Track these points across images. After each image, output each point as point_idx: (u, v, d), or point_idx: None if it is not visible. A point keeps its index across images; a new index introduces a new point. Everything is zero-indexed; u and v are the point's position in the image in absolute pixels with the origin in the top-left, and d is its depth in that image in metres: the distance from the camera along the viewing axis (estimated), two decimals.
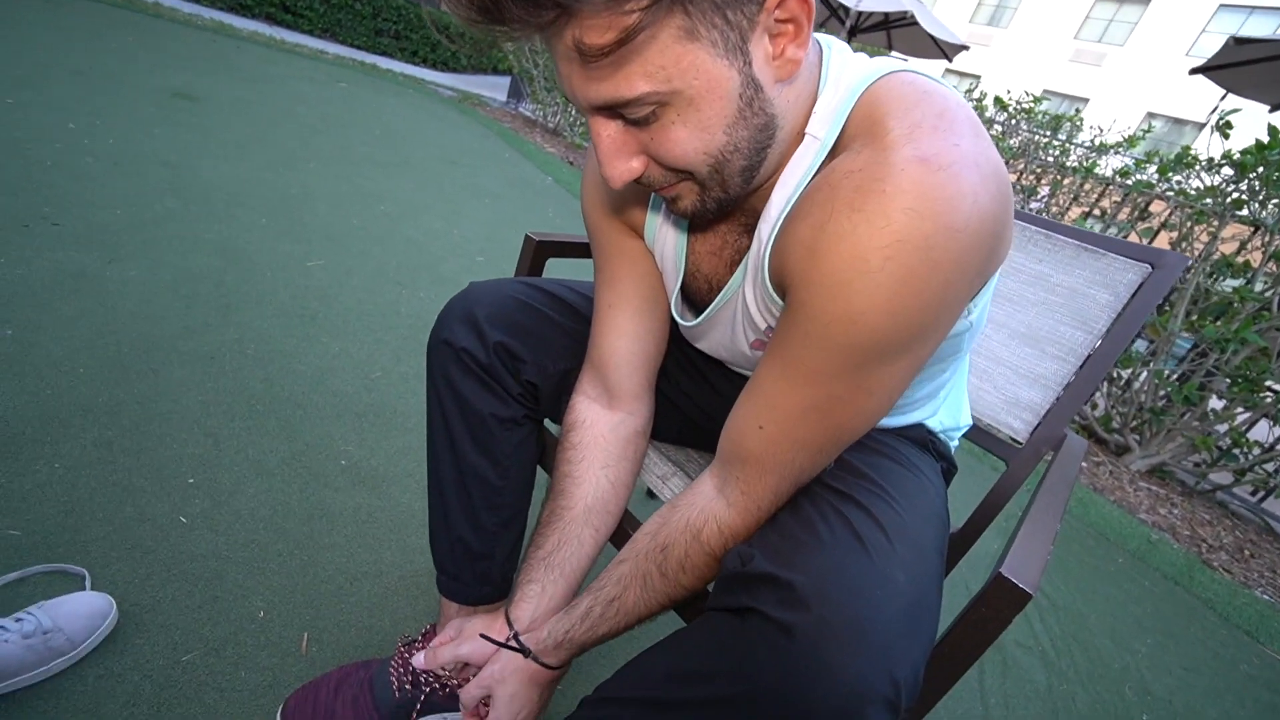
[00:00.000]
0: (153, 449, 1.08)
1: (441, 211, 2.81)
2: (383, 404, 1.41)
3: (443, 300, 1.97)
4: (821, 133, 0.49)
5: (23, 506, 0.91)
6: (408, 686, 0.77)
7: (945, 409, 0.74)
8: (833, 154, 0.49)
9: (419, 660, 0.72)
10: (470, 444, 0.75)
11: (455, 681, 0.76)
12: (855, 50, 0.54)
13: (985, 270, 0.46)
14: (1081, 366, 0.86)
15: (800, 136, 0.51)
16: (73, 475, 0.98)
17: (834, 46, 0.52)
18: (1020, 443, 0.88)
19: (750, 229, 0.59)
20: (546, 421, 0.85)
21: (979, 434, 0.92)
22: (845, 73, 0.50)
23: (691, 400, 0.82)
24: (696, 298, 0.66)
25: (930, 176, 0.41)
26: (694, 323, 0.67)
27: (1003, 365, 0.92)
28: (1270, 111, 3.54)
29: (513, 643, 0.66)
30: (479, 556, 0.79)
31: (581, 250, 0.90)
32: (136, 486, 1.00)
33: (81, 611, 0.77)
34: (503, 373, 0.72)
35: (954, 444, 0.77)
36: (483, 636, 0.68)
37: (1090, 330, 0.86)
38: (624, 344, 0.70)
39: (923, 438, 0.72)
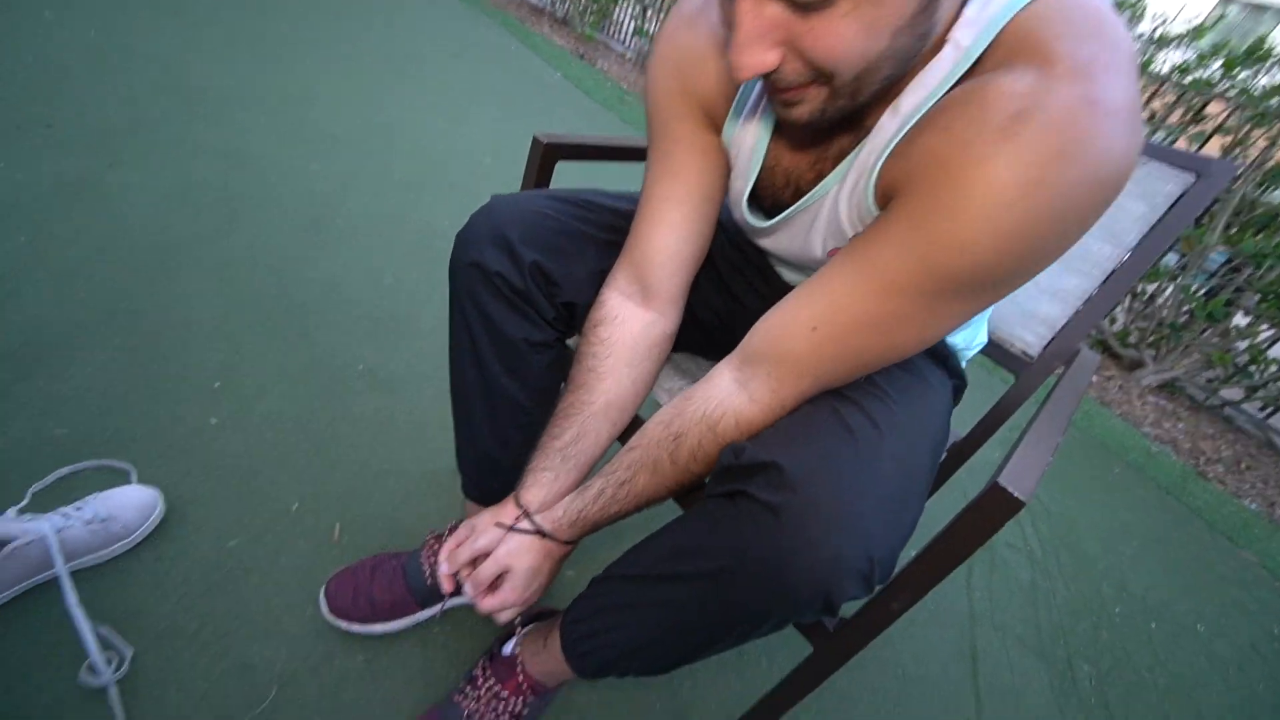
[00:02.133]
0: (177, 355, 1.11)
1: (446, 111, 2.69)
2: (396, 310, 1.42)
3: (451, 206, 1.94)
4: (967, 41, 0.45)
5: (64, 408, 0.95)
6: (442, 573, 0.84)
7: (967, 326, 0.74)
8: (975, 67, 0.45)
9: (442, 568, 0.71)
10: (500, 369, 0.73)
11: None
12: None
13: (1061, 250, 0.45)
14: (1104, 281, 0.84)
15: (940, 42, 0.46)
16: (105, 379, 1.02)
17: None
18: (1031, 357, 0.88)
19: (855, 130, 0.54)
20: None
21: (990, 346, 0.92)
22: None
23: (711, 310, 0.81)
24: (769, 196, 0.63)
25: (1095, 124, 0.39)
26: (768, 223, 0.63)
27: None
28: None
29: (526, 524, 0.68)
30: (506, 469, 0.80)
31: (594, 153, 0.86)
32: (166, 390, 1.04)
33: (133, 503, 0.83)
34: (538, 297, 0.70)
35: (965, 361, 0.77)
36: (498, 525, 0.69)
37: (1118, 244, 0.83)
38: (672, 242, 0.66)
39: (938, 350, 0.71)
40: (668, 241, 0.66)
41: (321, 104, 2.26)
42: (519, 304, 0.69)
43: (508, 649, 0.77)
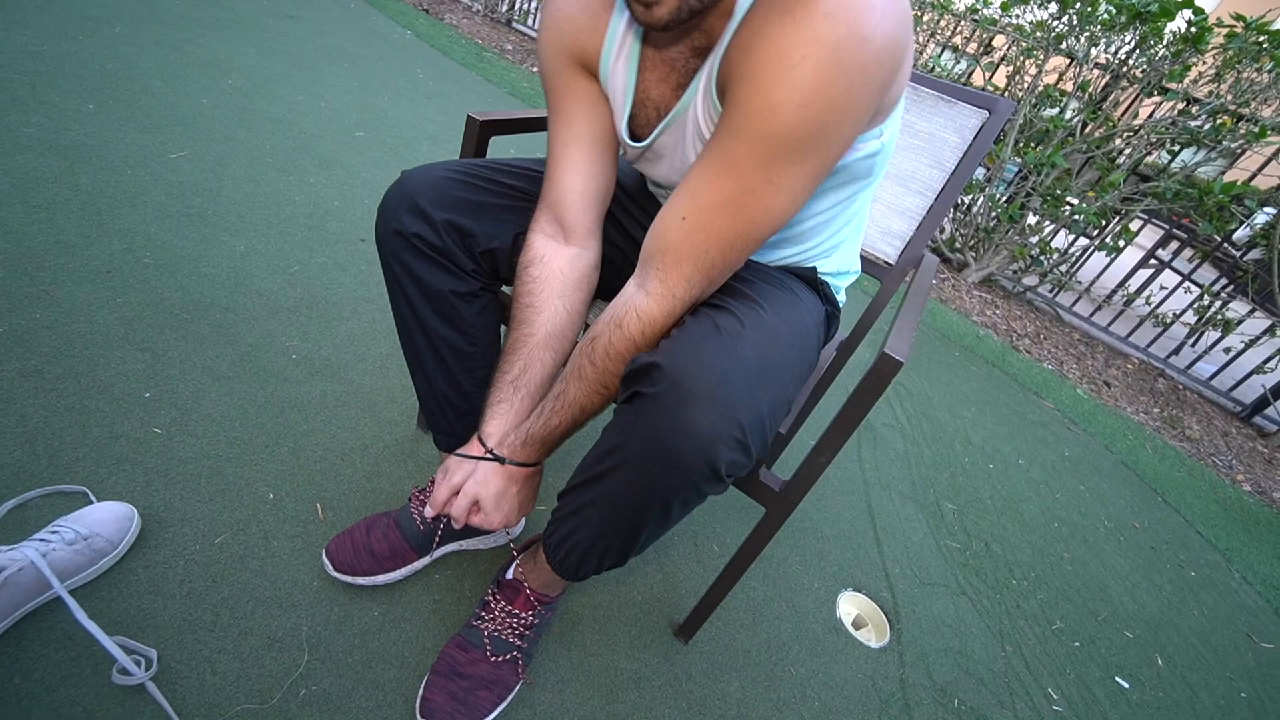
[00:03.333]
0: (90, 371, 1.06)
1: (300, 81, 2.49)
2: (312, 297, 1.40)
3: (335, 185, 1.87)
4: None
5: None
6: (429, 520, 0.93)
7: (838, 255, 0.85)
8: None
9: (427, 511, 0.78)
10: (436, 320, 0.82)
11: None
12: None
13: (887, 83, 0.55)
14: (936, 199, 1.07)
15: None
16: (16, 407, 0.96)
17: None
18: (890, 264, 1.11)
19: (702, 51, 0.64)
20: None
21: (863, 263, 1.14)
22: None
23: (621, 254, 0.91)
24: (644, 125, 0.72)
25: (864, 2, 0.49)
26: (644, 143, 0.72)
27: (879, 203, 1.12)
28: None
29: (487, 455, 0.74)
30: (465, 413, 0.90)
31: (524, 125, 0.94)
32: (93, 409, 1.00)
33: (107, 517, 0.83)
34: (455, 250, 0.78)
35: (840, 291, 0.89)
36: (459, 454, 0.76)
37: (943, 168, 1.06)
38: (579, 180, 0.75)
39: (811, 278, 0.83)
40: (575, 181, 0.74)
41: (153, 80, 2.02)
42: (440, 260, 0.78)
43: (509, 574, 0.88)
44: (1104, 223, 3.12)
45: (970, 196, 3.41)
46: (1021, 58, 3.12)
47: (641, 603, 1.05)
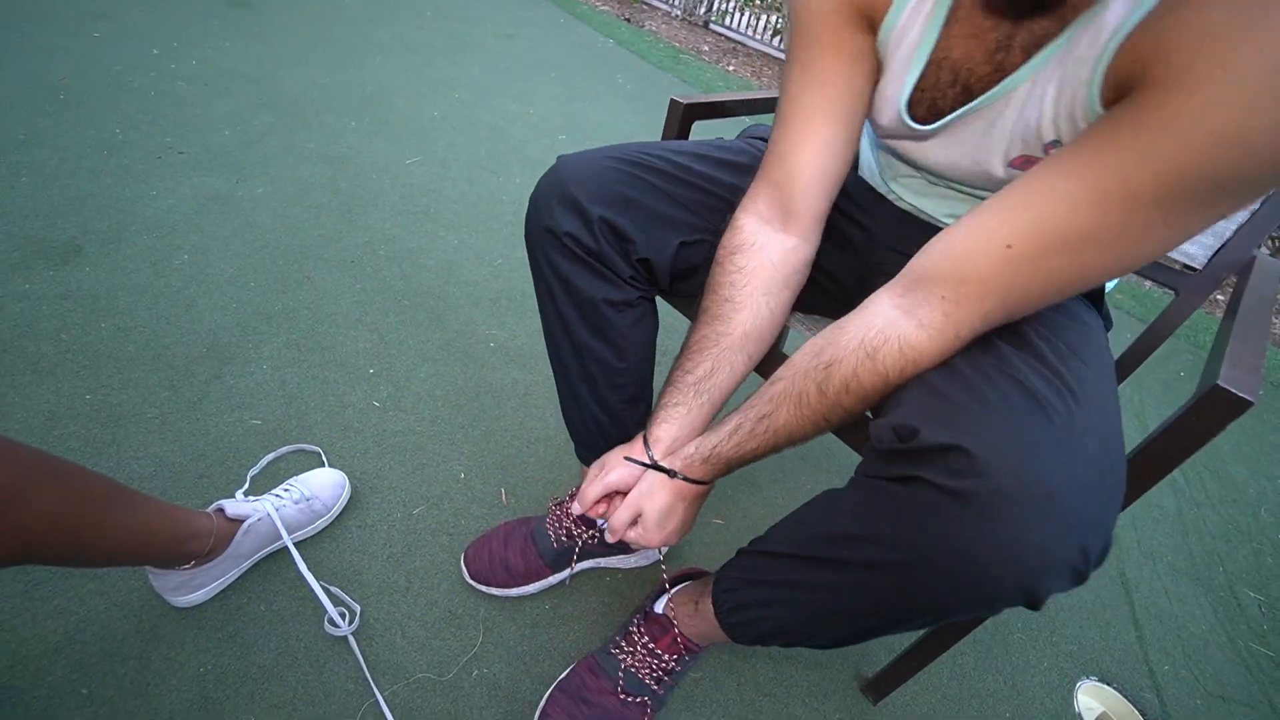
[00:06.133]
0: (331, 346, 1.21)
1: (513, 91, 2.72)
2: (511, 289, 1.49)
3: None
4: None
5: (253, 400, 1.07)
6: (564, 537, 0.88)
7: None
8: None
9: (574, 508, 0.71)
10: (585, 329, 0.71)
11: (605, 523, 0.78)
12: None
13: None
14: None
15: None
16: (280, 373, 1.13)
17: None
18: (1196, 269, 0.84)
19: (1055, 13, 0.47)
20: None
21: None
22: None
23: (821, 262, 0.74)
24: (926, 100, 0.57)
25: None
26: (933, 126, 0.56)
27: None
28: None
29: (660, 466, 0.65)
30: (612, 432, 0.78)
31: (729, 109, 0.87)
32: (331, 379, 1.14)
33: (327, 483, 0.93)
34: (611, 254, 0.67)
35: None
36: (627, 459, 0.67)
37: None
38: (817, 158, 0.61)
39: (1096, 292, 0.64)
40: (813, 158, 0.61)
41: (398, 99, 2.33)
42: (593, 263, 0.67)
43: (659, 607, 0.79)
44: None
45: None
46: None
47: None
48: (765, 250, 0.64)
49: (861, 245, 0.75)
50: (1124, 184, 0.40)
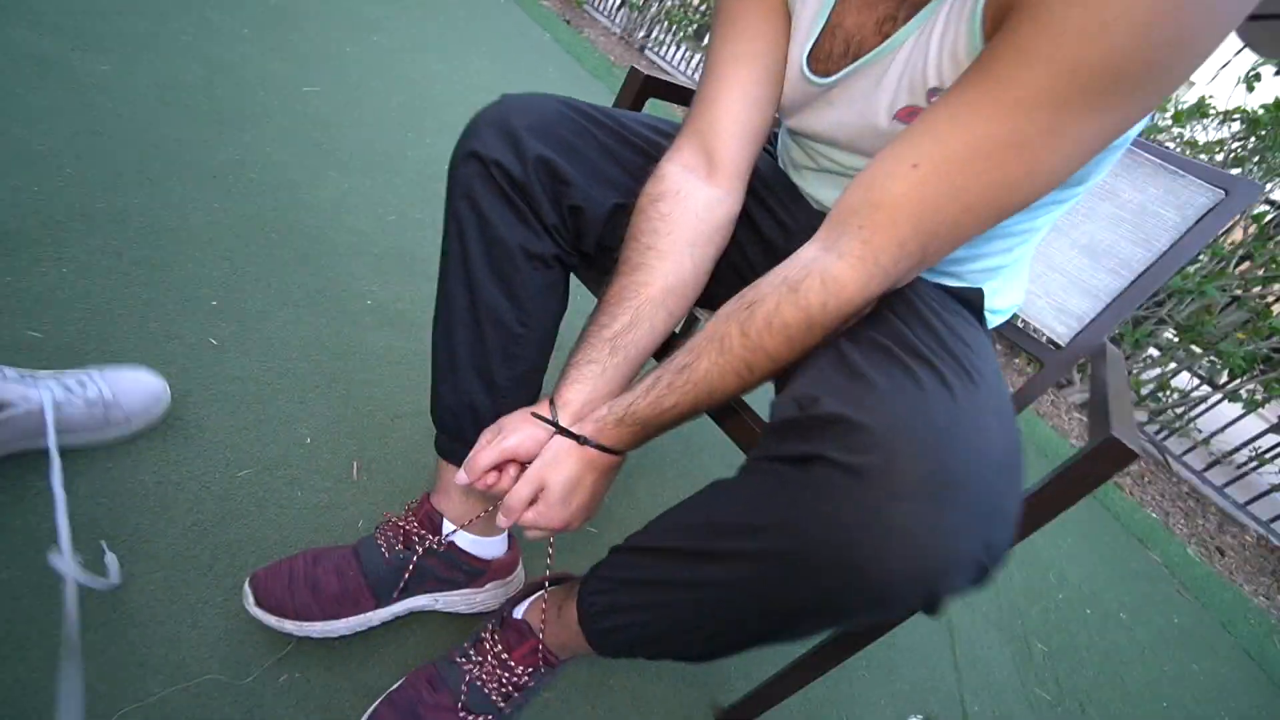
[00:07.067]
0: (167, 264, 1.00)
1: (439, 53, 2.54)
2: (401, 247, 1.34)
3: (450, 150, 1.83)
4: None
5: (37, 308, 0.84)
6: (399, 546, 0.70)
7: (1005, 286, 0.68)
8: None
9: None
10: (490, 277, 0.63)
11: (477, 517, 0.70)
12: None
13: (1209, 47, 0.40)
14: (1133, 282, 0.90)
15: None
16: (85, 281, 0.90)
17: None
18: (1060, 346, 0.94)
19: None
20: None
21: (1017, 333, 0.96)
22: None
23: (749, 261, 0.72)
24: (820, 64, 0.59)
25: None
26: (829, 79, 0.58)
27: (1057, 272, 0.95)
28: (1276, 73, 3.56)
29: (567, 431, 0.57)
30: (487, 420, 0.63)
31: (684, 97, 0.84)
32: (157, 301, 0.94)
33: (139, 390, 0.75)
34: (540, 196, 0.61)
35: (991, 326, 0.71)
36: (535, 415, 0.59)
37: (1150, 248, 0.89)
38: (741, 107, 0.61)
39: (979, 306, 0.66)
40: (736, 107, 0.61)
41: (308, 22, 2.08)
42: (517, 201, 0.61)
43: (519, 612, 0.69)
44: (1244, 371, 2.79)
45: None
46: None
47: (681, 669, 0.88)
48: (690, 199, 0.61)
49: (780, 246, 0.71)
50: (1010, 90, 0.41)
